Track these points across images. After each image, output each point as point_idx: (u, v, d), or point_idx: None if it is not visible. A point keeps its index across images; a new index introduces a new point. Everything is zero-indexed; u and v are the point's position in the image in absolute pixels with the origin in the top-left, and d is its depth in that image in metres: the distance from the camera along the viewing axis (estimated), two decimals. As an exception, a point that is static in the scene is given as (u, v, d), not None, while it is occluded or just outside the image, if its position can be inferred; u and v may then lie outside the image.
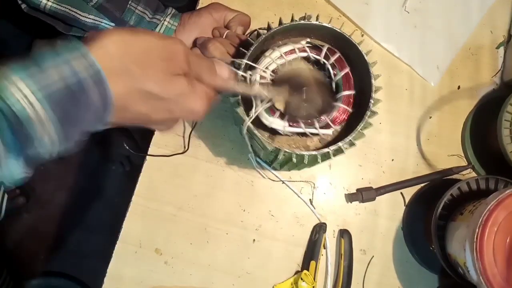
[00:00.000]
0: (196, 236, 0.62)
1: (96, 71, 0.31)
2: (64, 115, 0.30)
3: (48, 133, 0.29)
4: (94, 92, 0.31)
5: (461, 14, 0.73)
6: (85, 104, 0.31)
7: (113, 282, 0.60)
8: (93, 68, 0.31)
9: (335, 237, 0.64)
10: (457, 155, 0.68)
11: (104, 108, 0.32)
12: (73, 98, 0.30)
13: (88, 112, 0.31)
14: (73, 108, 0.30)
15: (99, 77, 0.31)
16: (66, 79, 0.29)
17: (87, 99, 0.31)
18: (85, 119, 0.32)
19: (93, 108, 0.31)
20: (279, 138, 0.53)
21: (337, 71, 0.50)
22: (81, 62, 0.30)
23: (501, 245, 0.46)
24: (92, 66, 0.31)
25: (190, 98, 0.38)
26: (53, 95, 0.29)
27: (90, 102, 0.31)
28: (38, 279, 1.34)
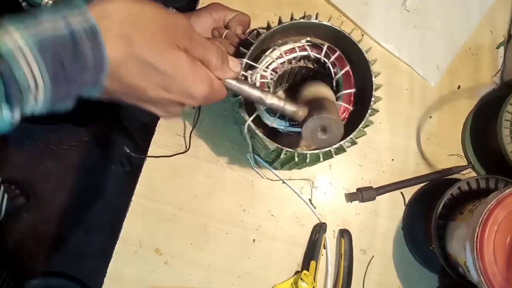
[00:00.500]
0: (196, 236, 0.62)
1: (91, 26, 0.30)
2: (54, 62, 0.29)
3: (34, 78, 0.29)
4: (87, 45, 0.30)
5: (461, 14, 0.73)
6: (77, 57, 0.30)
7: (113, 282, 0.60)
8: (88, 23, 0.30)
9: (335, 237, 0.64)
10: (457, 154, 0.68)
11: (98, 66, 0.31)
12: (65, 47, 0.29)
13: (81, 66, 0.30)
14: (65, 59, 0.30)
15: (93, 32, 0.30)
16: (59, 29, 0.29)
17: (80, 53, 0.30)
18: (77, 74, 0.31)
19: (86, 63, 0.30)
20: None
21: (338, 70, 0.50)
22: (78, 17, 0.30)
23: (501, 245, 0.46)
24: (87, 21, 0.30)
25: (188, 77, 0.36)
26: (43, 41, 0.29)
27: (83, 56, 0.30)
28: (38, 279, 1.34)
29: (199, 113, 0.64)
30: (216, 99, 0.41)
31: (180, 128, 0.65)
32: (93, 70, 0.31)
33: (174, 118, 0.39)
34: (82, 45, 0.30)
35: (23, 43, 0.28)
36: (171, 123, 0.65)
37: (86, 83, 0.32)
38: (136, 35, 0.32)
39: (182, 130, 0.65)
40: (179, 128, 0.65)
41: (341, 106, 0.49)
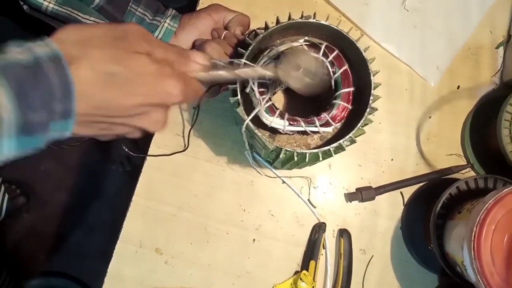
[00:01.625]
0: (196, 236, 0.62)
1: (54, 51, 0.31)
2: (19, 89, 0.28)
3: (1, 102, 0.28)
4: (51, 69, 0.30)
5: (461, 14, 0.73)
6: (42, 83, 0.29)
7: (113, 282, 0.60)
8: (51, 48, 0.31)
9: (334, 237, 0.64)
10: (457, 154, 0.68)
11: (65, 91, 0.30)
12: (29, 73, 0.29)
13: (46, 93, 0.29)
14: (30, 84, 0.29)
15: (56, 57, 0.30)
16: (23, 59, 0.29)
17: (44, 78, 0.29)
18: (45, 102, 0.30)
19: (52, 89, 0.30)
20: (280, 137, 0.53)
21: (336, 69, 0.50)
22: (41, 46, 0.31)
23: (499, 244, 0.46)
24: (50, 47, 0.31)
25: (156, 75, 0.35)
26: (8, 67, 0.29)
27: (48, 81, 0.30)
28: (38, 279, 1.34)
29: (198, 112, 0.65)
30: (195, 94, 0.40)
31: (180, 128, 0.65)
32: (61, 98, 0.30)
33: (165, 127, 0.38)
34: (46, 70, 0.30)
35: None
36: (171, 123, 0.65)
37: (56, 114, 0.31)
38: (93, 51, 0.33)
39: (182, 130, 0.65)
40: (179, 128, 0.65)
41: (340, 105, 0.49)
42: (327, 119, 0.49)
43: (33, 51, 0.30)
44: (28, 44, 0.30)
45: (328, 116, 0.49)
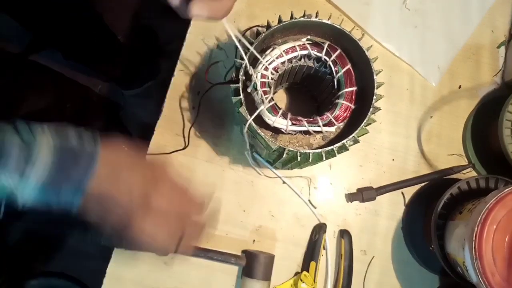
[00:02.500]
0: (196, 236, 0.62)
1: (94, 162, 0.40)
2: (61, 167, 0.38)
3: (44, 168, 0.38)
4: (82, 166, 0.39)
5: (461, 14, 0.73)
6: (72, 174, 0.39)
7: (113, 282, 0.60)
8: (94, 156, 0.41)
9: (335, 237, 0.63)
10: (458, 154, 0.67)
11: (87, 167, 0.40)
12: (69, 162, 0.39)
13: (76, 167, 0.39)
14: (69, 164, 0.39)
15: (92, 162, 0.40)
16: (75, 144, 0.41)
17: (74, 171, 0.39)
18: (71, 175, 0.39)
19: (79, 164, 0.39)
20: (282, 137, 0.53)
21: (339, 68, 0.50)
22: (90, 147, 0.41)
23: (500, 244, 0.46)
24: (96, 154, 0.41)
25: (166, 235, 0.44)
26: (61, 152, 0.39)
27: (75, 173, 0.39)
28: (38, 279, 1.34)
29: (198, 112, 0.64)
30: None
31: (179, 128, 0.65)
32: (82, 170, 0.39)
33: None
34: (82, 159, 0.40)
35: (47, 149, 0.38)
36: (171, 123, 0.65)
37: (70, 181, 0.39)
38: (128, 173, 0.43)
39: (182, 130, 0.65)
40: (178, 128, 0.65)
41: (343, 104, 0.49)
42: (330, 118, 0.49)
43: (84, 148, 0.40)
44: (84, 140, 0.41)
45: (331, 115, 0.49)
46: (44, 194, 0.38)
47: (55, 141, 0.38)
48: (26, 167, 0.36)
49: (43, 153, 0.37)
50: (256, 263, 0.58)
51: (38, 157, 0.37)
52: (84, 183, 0.39)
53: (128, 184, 0.42)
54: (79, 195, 0.40)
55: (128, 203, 0.42)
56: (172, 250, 0.45)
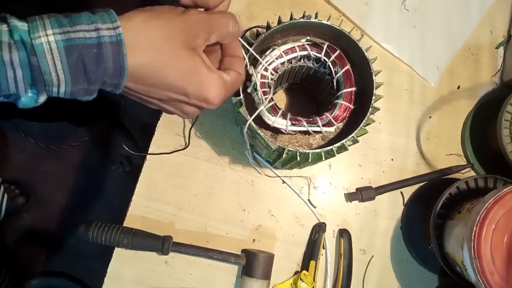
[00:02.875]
0: (196, 236, 0.62)
1: (117, 38, 0.34)
2: (77, 65, 0.33)
3: (57, 75, 0.33)
4: (110, 55, 0.34)
5: (461, 14, 0.73)
6: (99, 64, 0.33)
7: (113, 282, 0.60)
8: (116, 35, 0.34)
9: (334, 236, 0.64)
10: (457, 154, 0.68)
11: (117, 74, 0.35)
12: (90, 54, 0.33)
13: (102, 72, 0.34)
14: (88, 63, 0.33)
15: (118, 43, 0.34)
16: (89, 37, 0.33)
17: (103, 61, 0.33)
18: (98, 78, 0.34)
19: (106, 70, 0.34)
20: (282, 137, 0.53)
21: (338, 68, 0.50)
22: (109, 29, 0.34)
23: (499, 243, 0.46)
24: (116, 33, 0.34)
25: (205, 82, 0.38)
26: (72, 46, 0.32)
27: (105, 64, 0.34)
28: (38, 279, 1.34)
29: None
30: (229, 96, 0.43)
31: (180, 128, 0.65)
32: (112, 76, 0.35)
33: (191, 117, 0.44)
34: (105, 54, 0.33)
35: (54, 45, 0.32)
36: (171, 123, 0.65)
37: (107, 84, 0.36)
38: (158, 41, 0.36)
39: (182, 130, 0.65)
40: (179, 128, 0.65)
41: (342, 105, 0.49)
42: (330, 119, 0.49)
43: (100, 33, 0.33)
44: (98, 24, 0.33)
45: (331, 116, 0.49)
46: (76, 98, 0.36)
47: (62, 52, 0.33)
48: (40, 88, 0.33)
49: (55, 72, 0.33)
50: (256, 262, 0.58)
51: (51, 76, 0.33)
52: (118, 83, 0.36)
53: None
54: (118, 91, 0.37)
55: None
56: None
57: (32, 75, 0.32)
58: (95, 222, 0.58)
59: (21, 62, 0.31)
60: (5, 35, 0.31)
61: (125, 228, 0.59)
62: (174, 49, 0.36)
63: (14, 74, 0.31)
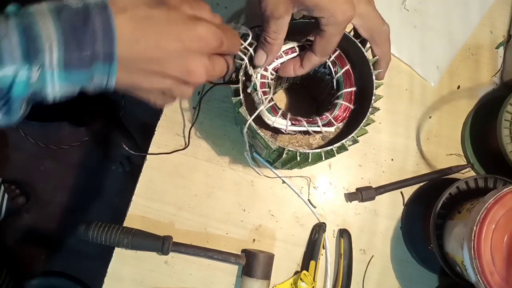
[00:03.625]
0: (196, 236, 0.62)
1: (102, 1, 0.34)
2: (66, 26, 0.32)
3: (49, 35, 0.32)
4: (97, 16, 0.33)
5: (461, 14, 0.73)
6: (87, 24, 0.33)
7: (113, 282, 0.60)
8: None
9: (334, 236, 0.64)
10: (457, 154, 0.68)
11: (108, 36, 0.33)
12: (77, 16, 0.33)
13: (91, 34, 0.33)
14: (77, 25, 0.32)
15: (103, 4, 0.34)
16: (76, 2, 0.33)
17: (91, 23, 0.33)
18: (88, 42, 0.33)
19: (95, 33, 0.33)
20: (282, 137, 0.53)
21: (338, 68, 0.50)
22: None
23: (499, 243, 0.46)
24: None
25: (194, 21, 0.37)
26: (61, 9, 0.33)
27: (93, 27, 0.33)
28: (38, 279, 1.34)
29: (198, 112, 0.65)
30: (232, 48, 0.42)
31: (180, 128, 0.65)
32: (103, 39, 0.33)
33: (189, 95, 0.41)
34: (92, 15, 0.33)
35: (44, 7, 0.32)
36: (171, 123, 0.65)
37: (98, 55, 0.33)
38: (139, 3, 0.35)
39: (182, 130, 0.65)
40: (179, 128, 0.65)
41: (342, 105, 0.49)
42: (330, 119, 0.49)
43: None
44: None
45: (331, 116, 0.49)
46: (68, 80, 0.34)
47: (53, 13, 0.32)
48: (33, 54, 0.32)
49: (46, 31, 0.32)
50: (256, 262, 0.58)
51: (42, 38, 0.31)
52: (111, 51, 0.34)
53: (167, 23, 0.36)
54: (112, 69, 0.35)
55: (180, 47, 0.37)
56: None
57: (25, 39, 0.31)
58: (95, 222, 0.58)
59: (16, 27, 0.31)
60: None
61: (125, 228, 0.59)
62: (154, 3, 0.36)
63: (9, 41, 0.31)
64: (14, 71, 0.31)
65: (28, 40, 0.31)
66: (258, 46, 0.47)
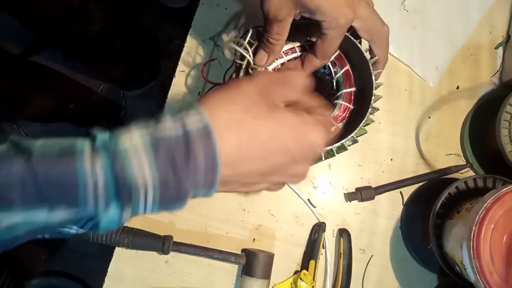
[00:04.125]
0: (196, 236, 0.62)
1: (205, 124, 0.30)
2: (166, 162, 0.29)
3: (144, 176, 0.29)
4: (199, 145, 0.30)
5: (460, 15, 0.73)
6: (189, 158, 0.30)
7: (114, 282, 0.60)
8: (203, 122, 0.30)
9: (334, 236, 0.64)
10: (456, 154, 0.68)
11: (212, 166, 0.31)
12: (178, 148, 0.30)
13: (193, 168, 0.30)
14: (178, 159, 0.29)
15: (206, 130, 0.30)
16: (175, 129, 0.30)
17: (192, 155, 0.30)
18: (188, 177, 0.30)
19: (198, 165, 0.30)
20: None
21: (338, 69, 0.51)
22: (194, 116, 0.31)
23: (498, 243, 0.46)
24: (202, 119, 0.31)
25: (300, 128, 0.34)
26: (158, 140, 0.29)
27: (195, 159, 0.30)
28: (38, 279, 1.34)
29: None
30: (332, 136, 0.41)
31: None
32: (205, 172, 0.30)
33: (305, 178, 0.39)
34: (194, 148, 0.30)
35: (138, 141, 0.29)
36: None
37: (199, 185, 0.31)
38: (240, 115, 0.32)
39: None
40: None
41: (341, 105, 0.50)
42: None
43: (185, 124, 0.30)
44: (181, 114, 0.31)
45: (330, 116, 0.49)
46: (164, 205, 0.31)
47: (149, 152, 0.29)
48: (125, 198, 0.29)
49: (142, 176, 0.28)
50: (256, 262, 0.58)
51: (137, 184, 0.28)
52: (213, 180, 0.31)
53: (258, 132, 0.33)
54: (211, 192, 0.33)
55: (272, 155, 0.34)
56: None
57: (115, 182, 0.28)
58: None
59: (104, 168, 0.28)
60: (86, 145, 0.29)
61: (125, 227, 0.59)
62: (258, 114, 0.33)
63: (95, 184, 0.28)
64: (101, 212, 0.29)
65: (118, 186, 0.28)
66: (260, 46, 0.47)
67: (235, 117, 0.32)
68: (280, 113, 0.34)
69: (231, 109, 0.32)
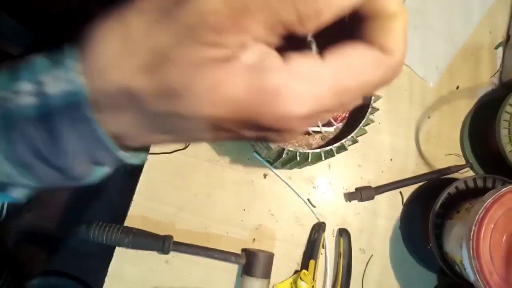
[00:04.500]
0: (197, 236, 0.62)
1: (74, 91, 0.20)
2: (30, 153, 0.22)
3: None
4: (65, 124, 0.21)
5: (460, 15, 0.73)
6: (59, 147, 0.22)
7: (114, 282, 0.60)
8: (73, 84, 0.20)
9: (334, 236, 0.64)
10: (455, 154, 0.68)
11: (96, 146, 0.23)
12: (40, 133, 0.21)
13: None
14: (44, 147, 0.22)
15: (75, 102, 0.21)
16: (31, 108, 0.21)
17: (60, 138, 0.22)
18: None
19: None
20: None
21: None
22: (58, 80, 0.21)
23: (497, 243, 0.46)
24: (72, 82, 0.20)
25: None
26: (14, 123, 0.21)
27: (65, 145, 0.22)
28: (38, 279, 1.34)
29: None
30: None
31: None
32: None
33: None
34: (59, 126, 0.21)
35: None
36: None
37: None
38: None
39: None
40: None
41: None
42: (329, 119, 0.49)
43: (44, 93, 0.20)
44: (42, 77, 0.21)
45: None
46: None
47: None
48: None
49: None
50: (256, 262, 0.58)
51: None
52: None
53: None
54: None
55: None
56: None
57: None
58: (96, 222, 0.59)
59: None
60: None
61: (126, 227, 0.59)
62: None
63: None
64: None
65: None
66: None
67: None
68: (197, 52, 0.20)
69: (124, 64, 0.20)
